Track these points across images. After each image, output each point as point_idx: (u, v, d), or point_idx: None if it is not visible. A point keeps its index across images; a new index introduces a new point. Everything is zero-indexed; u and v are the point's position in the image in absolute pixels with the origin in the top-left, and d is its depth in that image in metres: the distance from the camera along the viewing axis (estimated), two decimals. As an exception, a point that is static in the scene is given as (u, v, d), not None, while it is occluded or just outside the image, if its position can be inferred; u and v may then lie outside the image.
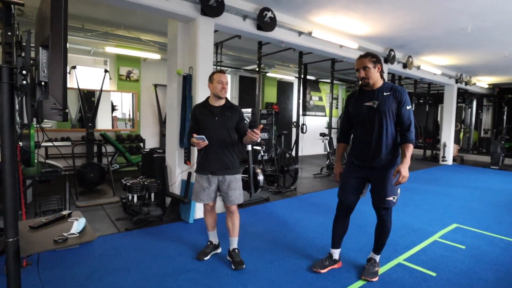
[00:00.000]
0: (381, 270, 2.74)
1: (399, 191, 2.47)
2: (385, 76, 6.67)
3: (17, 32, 2.71)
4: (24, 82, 1.22)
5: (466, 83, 9.73)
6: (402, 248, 3.25)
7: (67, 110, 1.05)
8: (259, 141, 2.46)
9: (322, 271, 2.65)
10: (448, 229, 3.87)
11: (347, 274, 2.66)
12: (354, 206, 2.62)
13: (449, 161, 9.97)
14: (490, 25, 4.90)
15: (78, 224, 1.48)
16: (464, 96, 11.54)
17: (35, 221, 1.53)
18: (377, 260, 2.66)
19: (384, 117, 2.33)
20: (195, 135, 2.44)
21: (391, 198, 2.41)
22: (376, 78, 2.37)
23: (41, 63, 1.08)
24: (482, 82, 10.90)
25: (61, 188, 3.83)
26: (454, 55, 7.10)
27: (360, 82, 2.43)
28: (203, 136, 2.42)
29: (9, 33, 2.60)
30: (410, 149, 2.34)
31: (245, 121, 2.89)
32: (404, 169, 2.28)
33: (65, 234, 1.39)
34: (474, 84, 10.28)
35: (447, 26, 5.06)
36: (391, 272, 2.73)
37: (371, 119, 2.38)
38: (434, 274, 2.72)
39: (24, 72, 1.22)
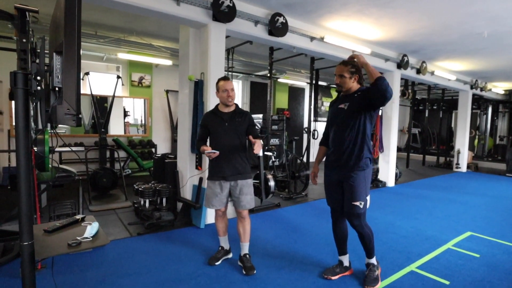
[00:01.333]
0: (393, 277, 2.70)
1: (368, 198, 2.45)
2: (397, 82, 6.64)
3: (32, 39, 2.77)
4: (39, 87, 1.24)
5: (482, 89, 9.53)
6: (414, 255, 3.18)
7: (80, 116, 1.06)
8: (260, 154, 2.57)
9: (333, 278, 2.64)
10: (462, 237, 3.78)
11: (358, 281, 2.62)
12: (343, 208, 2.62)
13: (463, 168, 9.75)
14: (507, 30, 4.80)
15: (91, 229, 1.49)
16: (479, 102, 11.30)
17: (50, 225, 1.55)
18: (375, 263, 2.63)
19: (350, 117, 2.39)
20: (206, 149, 2.50)
21: (357, 203, 2.40)
22: (350, 86, 2.44)
23: (55, 68, 1.10)
24: (498, 88, 10.67)
25: (75, 193, 3.88)
26: (470, 60, 6.97)
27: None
28: (216, 151, 2.51)
29: (24, 40, 2.67)
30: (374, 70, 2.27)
31: (256, 127, 2.89)
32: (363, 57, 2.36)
33: (78, 238, 1.40)
34: (490, 90, 10.06)
35: (462, 31, 4.97)
36: (403, 280, 2.67)
37: (339, 120, 2.46)
38: (447, 282, 2.65)
39: (38, 78, 1.23)
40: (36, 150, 2.83)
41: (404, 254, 3.18)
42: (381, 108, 2.46)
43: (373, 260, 2.62)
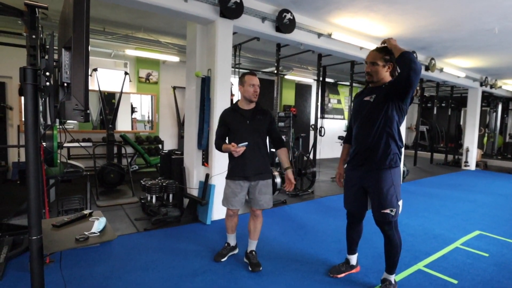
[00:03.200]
0: (400, 276, 2.67)
1: (400, 203, 2.22)
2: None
3: (41, 35, 2.79)
4: (48, 83, 1.24)
5: (491, 86, 9.38)
6: (422, 254, 3.15)
7: (88, 111, 1.06)
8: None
9: (339, 276, 2.60)
10: (470, 236, 3.74)
11: (364, 279, 2.60)
12: (363, 214, 2.49)
13: (472, 167, 9.63)
14: (519, 25, 4.71)
15: (98, 224, 1.50)
16: (489, 100, 11.13)
17: (58, 219, 1.57)
18: (392, 281, 2.38)
19: (378, 110, 2.16)
20: (232, 146, 2.45)
21: (387, 211, 2.17)
22: (382, 77, 2.19)
23: (64, 64, 1.10)
24: (509, 85, 10.48)
25: (83, 188, 3.92)
26: (479, 57, 6.85)
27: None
28: (247, 143, 2.45)
29: (34, 36, 2.68)
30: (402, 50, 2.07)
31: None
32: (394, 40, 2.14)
33: (86, 233, 1.41)
34: (500, 87, 9.89)
35: (472, 28, 4.89)
36: (410, 278, 2.65)
37: (365, 113, 2.24)
38: (455, 281, 2.62)
39: (47, 73, 1.24)
40: (44, 145, 2.86)
41: (411, 253, 3.16)
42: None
43: (392, 278, 2.38)
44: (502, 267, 2.93)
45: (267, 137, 2.74)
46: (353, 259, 2.68)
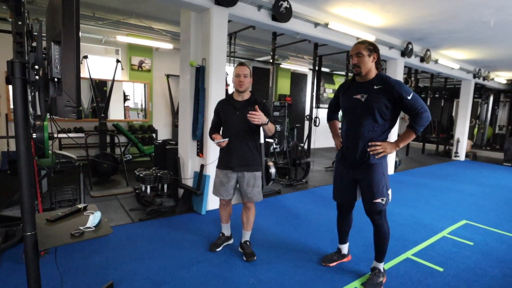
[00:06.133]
0: (389, 264, 2.75)
1: (389, 192, 2.30)
2: (400, 70, 6.55)
3: (28, 21, 2.70)
4: (37, 77, 1.21)
5: (484, 78, 9.45)
6: (411, 243, 3.23)
7: (81, 108, 1.04)
8: (262, 122, 2.39)
9: (331, 265, 2.67)
10: (457, 225, 3.84)
11: (355, 268, 2.67)
12: (353, 205, 2.56)
13: (462, 157, 9.78)
14: (514, 18, 4.71)
15: (93, 218, 1.49)
16: (481, 91, 11.23)
17: (52, 214, 1.55)
18: (381, 269, 2.45)
19: (370, 113, 2.18)
20: (216, 137, 2.51)
21: (379, 200, 2.24)
22: (369, 68, 2.21)
23: (54, 58, 1.06)
24: (501, 78, 10.58)
25: (76, 178, 3.88)
26: (474, 49, 6.87)
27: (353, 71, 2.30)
28: (226, 139, 2.51)
29: (20, 23, 2.61)
30: (408, 135, 2.21)
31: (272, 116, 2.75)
32: (389, 144, 2.21)
33: (81, 228, 1.41)
34: (492, 79, 9.97)
35: (469, 20, 4.88)
36: (399, 267, 2.73)
37: (356, 113, 2.26)
38: (441, 269, 2.71)
39: (36, 67, 1.20)
40: (35, 136, 2.81)
41: (400, 242, 3.23)
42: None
43: (381, 266, 2.45)
44: (486, 255, 3.04)
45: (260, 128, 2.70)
46: (345, 248, 2.74)
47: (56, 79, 1.11)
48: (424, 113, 2.13)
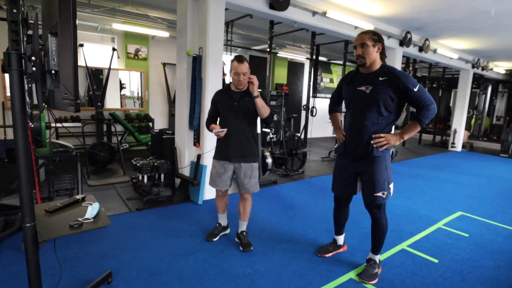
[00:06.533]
0: (385, 255, 2.78)
1: (391, 186, 2.28)
2: (399, 60, 6.52)
3: (23, 8, 2.66)
4: (34, 68, 1.20)
5: (483, 68, 9.43)
6: (406, 234, 3.27)
7: (79, 101, 1.04)
8: (256, 86, 2.44)
9: (326, 255, 2.69)
10: (452, 216, 3.88)
11: (351, 259, 2.71)
12: (350, 199, 2.55)
13: (459, 148, 9.84)
14: (514, 8, 4.68)
15: (92, 210, 1.50)
16: (479, 82, 11.22)
17: (50, 205, 1.56)
18: (377, 261, 2.48)
19: (375, 105, 2.14)
20: (214, 127, 2.49)
21: (379, 194, 2.22)
22: (374, 59, 2.15)
23: (51, 50, 1.05)
24: (500, 68, 10.56)
25: (73, 167, 3.88)
26: (474, 39, 6.83)
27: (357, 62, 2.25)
28: (224, 129, 2.49)
29: (15, 10, 2.56)
30: (413, 127, 2.18)
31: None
32: (392, 136, 2.18)
33: (80, 219, 1.42)
34: (491, 69, 9.95)
35: (469, 9, 4.84)
36: (394, 258, 2.77)
37: (361, 105, 2.21)
38: (436, 260, 2.75)
39: (33, 58, 1.19)
40: (32, 126, 2.80)
41: (396, 233, 3.27)
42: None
43: (377, 258, 2.48)
44: (480, 247, 3.08)
45: (257, 119, 2.69)
46: (340, 239, 2.77)
47: (53, 71, 1.11)
48: (431, 105, 2.10)
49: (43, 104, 1.20)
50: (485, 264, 2.75)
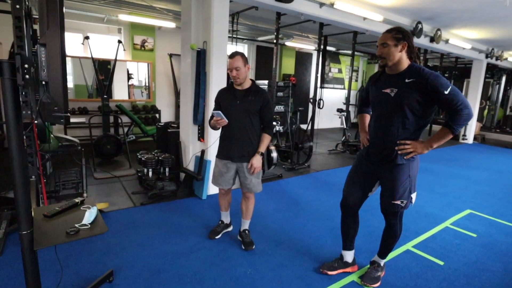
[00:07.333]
0: (389, 256, 2.69)
1: (413, 196, 2.14)
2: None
3: (27, 2, 2.63)
4: (27, 76, 1.18)
5: (497, 58, 9.13)
6: (412, 234, 3.22)
7: (68, 114, 1.01)
8: (260, 166, 2.61)
9: (330, 273, 2.43)
10: (461, 215, 3.81)
11: (357, 258, 2.61)
12: (360, 204, 2.34)
13: (470, 140, 9.65)
14: (531, -3, 4.48)
15: (89, 215, 1.50)
16: (493, 71, 10.89)
17: (50, 208, 1.57)
18: (381, 264, 2.41)
19: (400, 109, 1.97)
20: (213, 112, 2.45)
21: (398, 202, 2.10)
22: (397, 59, 1.96)
23: (40, 61, 1.03)
24: (515, 57, 10.22)
25: (80, 159, 3.92)
26: (488, 28, 6.59)
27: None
28: (220, 112, 2.41)
29: (18, 6, 2.54)
30: (443, 134, 1.97)
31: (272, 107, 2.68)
32: (420, 144, 2.00)
33: (77, 225, 1.42)
34: (506, 59, 9.63)
35: (482, -1, 4.66)
36: (398, 259, 2.72)
37: (385, 109, 2.05)
38: (441, 263, 2.70)
39: (26, 65, 1.17)
40: (36, 122, 2.82)
41: (402, 232, 3.21)
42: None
43: (382, 262, 2.41)
44: (488, 248, 3.02)
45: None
46: (348, 256, 2.49)
47: (43, 82, 1.09)
48: (464, 110, 1.86)
49: (38, 115, 1.18)
50: (493, 267, 2.68)
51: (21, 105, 1.19)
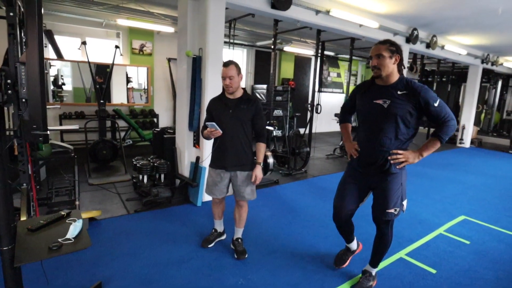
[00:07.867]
0: (381, 265, 2.71)
1: (404, 203, 2.20)
2: (405, 57, 6.35)
3: (21, 10, 2.63)
4: (10, 91, 1.17)
5: (493, 64, 9.17)
6: (405, 241, 3.21)
7: (48, 133, 1.01)
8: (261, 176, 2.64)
9: (345, 265, 2.65)
10: (455, 221, 3.81)
11: (346, 269, 2.65)
12: (352, 215, 2.37)
13: (467, 144, 9.66)
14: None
15: (74, 229, 1.49)
16: (489, 76, 10.92)
17: (34, 222, 1.55)
18: (373, 274, 2.44)
19: (394, 121, 2.02)
20: (207, 123, 2.45)
21: (391, 210, 2.14)
22: (390, 71, 2.01)
23: (20, 79, 1.02)
24: (510, 62, 10.25)
25: (73, 166, 3.91)
26: (482, 35, 6.62)
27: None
28: (214, 123, 2.40)
29: (11, 14, 2.54)
30: (432, 143, 2.08)
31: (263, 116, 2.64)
32: (411, 153, 2.07)
33: (60, 240, 1.41)
34: (501, 64, 9.67)
35: (476, 7, 4.67)
36: (391, 268, 2.72)
37: (378, 120, 2.07)
38: (434, 271, 2.70)
39: (9, 81, 1.16)
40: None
41: (395, 239, 3.12)
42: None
43: (374, 271, 2.45)
44: (481, 256, 3.02)
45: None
46: (353, 245, 2.66)
47: (23, 100, 1.08)
48: (451, 121, 2.01)
49: (20, 131, 1.18)
50: (485, 275, 2.68)
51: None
